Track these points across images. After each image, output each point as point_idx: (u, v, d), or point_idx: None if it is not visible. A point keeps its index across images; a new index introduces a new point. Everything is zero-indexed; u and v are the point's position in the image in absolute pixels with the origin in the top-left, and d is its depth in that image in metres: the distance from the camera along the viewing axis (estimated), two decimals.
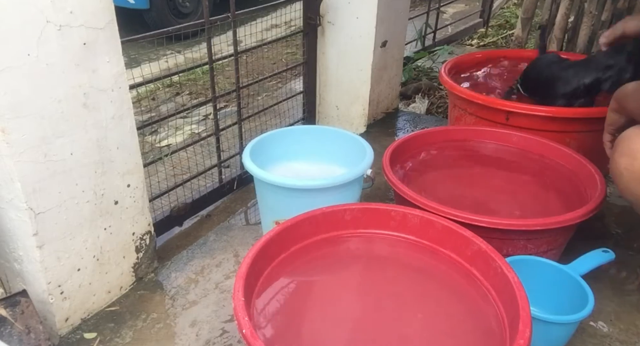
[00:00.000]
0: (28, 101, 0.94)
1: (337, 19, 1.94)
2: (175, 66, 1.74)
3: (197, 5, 4.52)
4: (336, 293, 1.05)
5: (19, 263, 1.09)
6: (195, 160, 1.87)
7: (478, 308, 0.97)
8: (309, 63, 1.97)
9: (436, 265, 1.09)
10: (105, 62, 1.06)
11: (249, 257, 0.97)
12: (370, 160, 1.34)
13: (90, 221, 1.14)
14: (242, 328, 0.82)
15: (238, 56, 1.60)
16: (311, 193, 1.27)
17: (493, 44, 3.36)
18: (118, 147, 1.14)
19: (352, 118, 2.10)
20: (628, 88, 1.14)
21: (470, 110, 1.67)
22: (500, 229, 1.13)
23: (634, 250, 1.42)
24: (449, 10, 4.25)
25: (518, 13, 3.45)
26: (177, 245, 1.47)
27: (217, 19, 1.49)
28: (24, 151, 0.96)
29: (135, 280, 1.31)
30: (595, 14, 2.34)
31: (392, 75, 2.17)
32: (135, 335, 1.17)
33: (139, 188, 1.23)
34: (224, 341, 1.16)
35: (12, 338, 1.01)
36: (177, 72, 1.58)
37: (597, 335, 1.16)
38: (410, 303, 1.01)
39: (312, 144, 1.53)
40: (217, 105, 1.60)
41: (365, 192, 1.44)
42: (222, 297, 1.28)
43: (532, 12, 2.62)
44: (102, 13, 1.03)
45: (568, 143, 1.49)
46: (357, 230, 1.15)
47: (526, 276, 0.99)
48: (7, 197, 1.00)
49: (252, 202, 1.67)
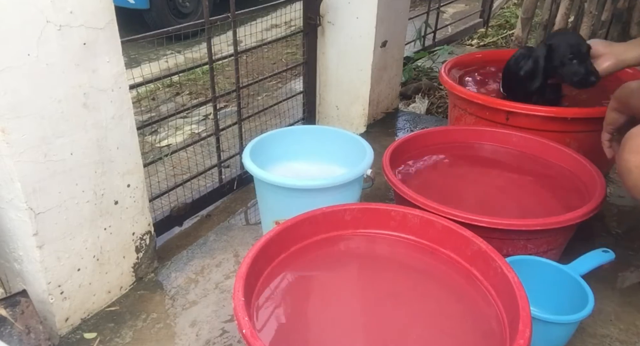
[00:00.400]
0: (28, 101, 0.95)
1: (337, 19, 1.94)
2: (175, 66, 1.74)
3: (197, 5, 4.52)
4: (336, 293, 1.05)
5: (19, 263, 1.09)
6: (195, 160, 1.87)
7: (478, 308, 0.97)
8: (309, 63, 1.97)
9: (436, 265, 1.09)
10: (105, 62, 1.06)
11: (249, 257, 0.97)
12: (370, 160, 1.34)
13: (90, 221, 1.14)
14: (242, 328, 0.82)
15: (238, 56, 1.60)
16: (311, 193, 1.27)
17: (493, 44, 3.36)
18: (118, 147, 1.15)
19: (352, 118, 2.11)
20: (632, 86, 1.13)
21: (470, 110, 1.67)
22: (500, 229, 1.13)
23: (634, 250, 1.42)
24: (449, 10, 4.25)
25: (518, 13, 3.45)
26: (177, 245, 1.47)
27: (217, 19, 1.49)
28: (24, 151, 0.96)
29: (135, 280, 1.31)
30: (595, 14, 2.35)
31: (392, 75, 2.17)
32: (135, 335, 1.17)
33: (139, 188, 1.23)
34: (224, 341, 1.16)
35: (12, 338, 1.01)
36: (177, 72, 1.58)
37: (597, 335, 1.16)
38: (410, 303, 1.01)
39: (312, 144, 1.53)
40: (217, 105, 1.60)
41: (365, 192, 1.44)
42: (222, 297, 1.28)
43: (532, 12, 2.62)
44: (102, 13, 1.03)
45: (568, 143, 1.49)
46: (357, 230, 1.15)
47: (526, 276, 0.99)
48: (7, 197, 1.00)
49: (252, 202, 1.67)
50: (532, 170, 1.46)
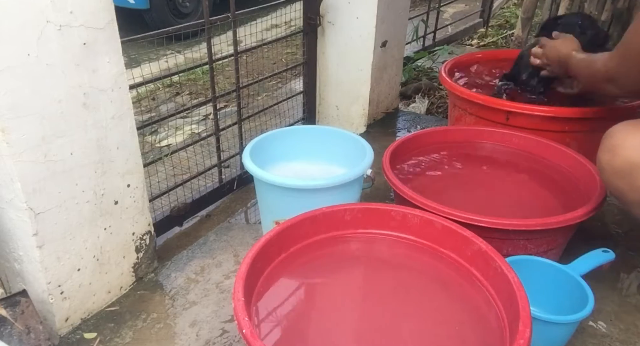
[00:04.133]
0: (28, 101, 0.94)
1: (337, 19, 1.94)
2: (175, 66, 1.74)
3: (197, 5, 4.52)
4: (336, 293, 1.05)
5: (19, 263, 1.09)
6: (195, 160, 1.87)
7: (478, 308, 0.97)
8: (309, 63, 1.97)
9: (436, 265, 1.09)
10: (105, 62, 1.06)
11: (249, 257, 0.97)
12: (370, 160, 1.34)
13: (90, 221, 1.14)
14: (242, 328, 0.82)
15: (238, 56, 1.60)
16: (311, 193, 1.27)
17: (493, 44, 3.35)
18: (118, 147, 1.14)
19: (352, 118, 2.10)
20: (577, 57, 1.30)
21: (470, 110, 1.67)
22: (500, 229, 1.13)
23: (634, 250, 1.42)
24: (449, 10, 4.25)
25: (518, 13, 3.44)
26: (177, 245, 1.47)
27: (217, 19, 1.49)
28: (24, 151, 0.96)
29: (135, 280, 1.31)
30: (595, 14, 2.35)
31: (392, 75, 2.17)
32: (135, 335, 1.17)
33: (139, 188, 1.23)
34: (224, 341, 1.16)
35: (12, 338, 1.01)
36: (177, 72, 1.58)
37: (597, 335, 1.16)
38: (409, 303, 1.01)
39: (312, 144, 1.53)
40: (217, 105, 1.60)
41: (365, 192, 1.44)
42: (222, 297, 1.28)
43: (532, 12, 2.62)
44: (102, 13, 1.03)
45: (568, 143, 1.49)
46: (357, 230, 1.15)
47: (526, 276, 0.99)
48: (7, 197, 1.00)
49: (252, 202, 1.67)
50: (532, 170, 1.46)
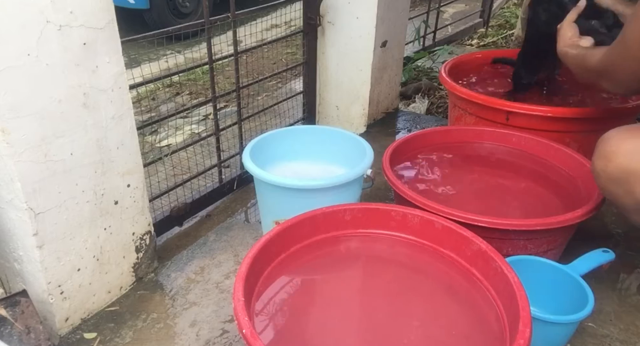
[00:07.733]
0: (28, 101, 0.94)
1: (337, 19, 1.94)
2: (175, 66, 1.74)
3: (197, 5, 4.53)
4: (336, 293, 1.05)
5: (19, 263, 1.09)
6: (195, 160, 1.87)
7: (478, 308, 0.97)
8: (309, 63, 1.97)
9: (436, 265, 1.09)
10: (105, 62, 1.06)
11: (248, 257, 0.97)
12: (370, 160, 1.34)
13: (90, 221, 1.14)
14: (242, 328, 0.82)
15: (238, 56, 1.60)
16: (311, 193, 1.27)
17: (493, 44, 3.35)
18: (118, 147, 1.14)
19: (352, 118, 2.10)
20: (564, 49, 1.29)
21: (471, 110, 1.67)
22: (500, 229, 1.13)
23: (634, 250, 1.42)
24: (449, 10, 4.25)
25: (518, 13, 3.45)
26: (177, 245, 1.47)
27: (217, 19, 1.49)
28: (24, 151, 0.96)
29: (135, 280, 1.31)
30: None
31: (392, 75, 2.17)
32: (135, 335, 1.17)
33: (139, 188, 1.23)
34: (224, 341, 1.16)
35: (12, 338, 1.01)
36: (177, 72, 1.58)
37: (597, 335, 1.16)
38: (410, 303, 1.01)
39: (312, 144, 1.53)
40: (217, 105, 1.60)
41: (365, 192, 1.44)
42: (222, 297, 1.28)
43: None
44: (102, 13, 1.03)
45: (568, 143, 1.49)
46: (357, 230, 1.15)
47: (526, 276, 0.99)
48: (7, 197, 1.00)
49: (252, 202, 1.67)
50: (532, 170, 1.46)
